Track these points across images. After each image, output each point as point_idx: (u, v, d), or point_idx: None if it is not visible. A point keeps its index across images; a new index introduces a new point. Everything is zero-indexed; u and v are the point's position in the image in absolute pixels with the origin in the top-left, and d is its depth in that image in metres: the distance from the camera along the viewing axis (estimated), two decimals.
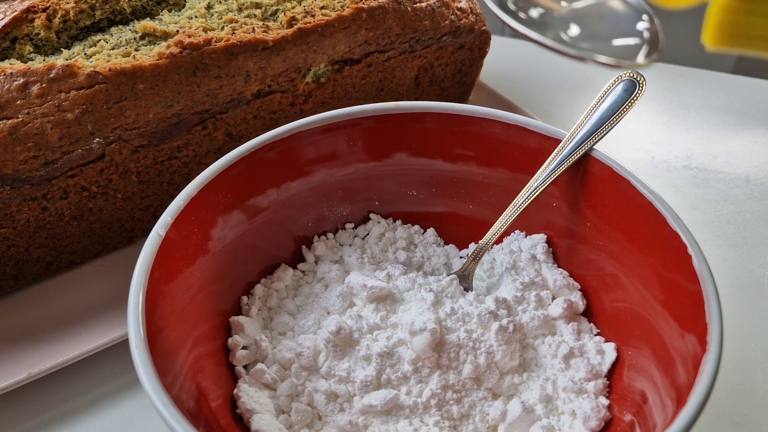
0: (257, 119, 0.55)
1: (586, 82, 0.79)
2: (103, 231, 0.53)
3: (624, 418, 0.39)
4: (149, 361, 0.33)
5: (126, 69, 0.47)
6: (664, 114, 0.76)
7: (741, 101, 0.77)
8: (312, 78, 0.56)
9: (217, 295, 0.43)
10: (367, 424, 0.39)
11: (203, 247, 0.42)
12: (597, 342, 0.43)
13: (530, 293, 0.45)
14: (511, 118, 0.47)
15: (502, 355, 0.41)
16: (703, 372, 0.33)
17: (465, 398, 0.40)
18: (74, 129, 0.46)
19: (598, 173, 0.44)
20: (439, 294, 0.44)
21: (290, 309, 0.46)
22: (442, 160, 0.50)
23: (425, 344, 0.40)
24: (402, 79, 0.62)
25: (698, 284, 0.36)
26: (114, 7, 0.51)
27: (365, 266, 0.48)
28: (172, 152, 0.52)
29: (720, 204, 0.63)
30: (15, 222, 0.48)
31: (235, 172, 0.44)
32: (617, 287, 0.44)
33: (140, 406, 0.46)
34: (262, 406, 0.40)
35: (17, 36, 0.48)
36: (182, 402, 0.33)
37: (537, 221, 0.49)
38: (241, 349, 0.43)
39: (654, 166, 0.68)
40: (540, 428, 0.39)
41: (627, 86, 0.45)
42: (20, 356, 0.46)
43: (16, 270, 0.51)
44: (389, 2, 0.56)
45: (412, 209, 0.52)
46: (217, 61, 0.49)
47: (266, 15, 0.53)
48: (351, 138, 0.48)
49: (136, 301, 0.35)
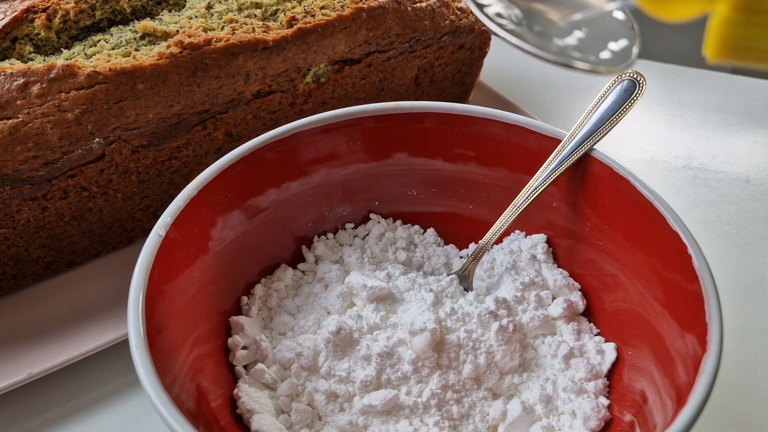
0: (257, 119, 0.55)
1: (586, 82, 0.79)
2: (103, 231, 0.53)
3: (624, 418, 0.39)
4: (149, 361, 0.33)
5: (126, 69, 0.47)
6: (664, 114, 0.76)
7: (741, 101, 0.77)
8: (312, 78, 0.56)
9: (217, 295, 0.43)
10: (367, 424, 0.39)
11: (203, 247, 0.42)
12: (597, 342, 0.43)
13: (530, 293, 0.45)
14: (511, 118, 0.47)
15: (502, 355, 0.41)
16: (703, 372, 0.33)
17: (465, 398, 0.40)
18: (74, 129, 0.46)
19: (598, 173, 0.44)
20: (439, 294, 0.44)
21: (290, 309, 0.46)
22: (442, 160, 0.50)
23: (425, 344, 0.40)
24: (402, 79, 0.62)
25: (698, 284, 0.36)
26: (114, 7, 0.51)
27: (365, 266, 0.48)
28: (172, 152, 0.52)
29: (720, 204, 0.63)
30: (15, 222, 0.48)
31: (235, 172, 0.44)
32: (617, 287, 0.44)
33: (140, 406, 0.46)
34: (262, 406, 0.40)
35: (17, 36, 0.48)
36: (182, 402, 0.33)
37: (537, 221, 0.49)
38: (241, 349, 0.43)
39: (654, 166, 0.68)
40: (540, 428, 0.39)
41: (627, 86, 0.45)
42: (20, 356, 0.46)
43: (16, 270, 0.51)
44: (389, 2, 0.56)
45: (412, 209, 0.52)
46: (217, 61, 0.49)
47: (266, 15, 0.53)
48: (351, 138, 0.48)
49: (136, 301, 0.35)
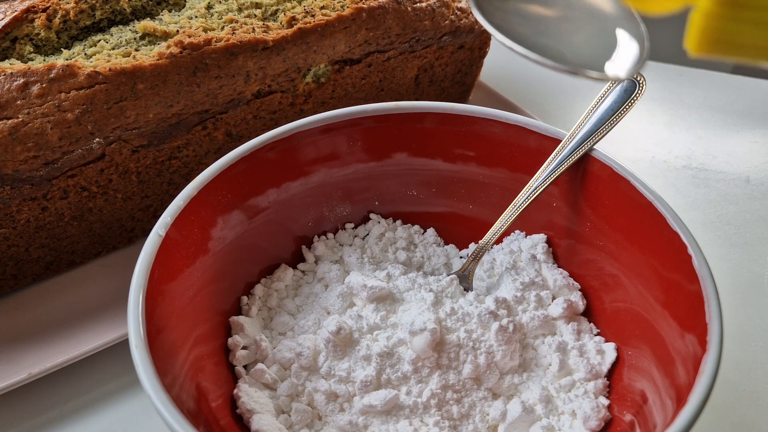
0: (257, 119, 0.55)
1: (586, 82, 0.79)
2: (103, 231, 0.53)
3: (624, 418, 0.39)
4: (149, 361, 0.33)
5: (126, 69, 0.47)
6: (664, 114, 0.76)
7: (741, 101, 0.77)
8: (312, 78, 0.55)
9: (217, 295, 0.43)
10: (367, 424, 0.39)
11: (203, 247, 0.42)
12: (597, 342, 0.43)
13: (530, 293, 0.45)
14: (511, 118, 0.47)
15: (502, 355, 0.41)
16: (703, 372, 0.33)
17: (465, 398, 0.40)
18: (74, 129, 0.46)
19: (598, 173, 0.44)
20: (439, 294, 0.44)
21: (290, 309, 0.46)
22: (442, 160, 0.50)
23: (425, 344, 0.40)
24: (402, 79, 0.62)
25: (698, 284, 0.36)
26: (114, 7, 0.51)
27: (365, 266, 0.48)
28: (172, 152, 0.52)
29: (720, 204, 0.63)
30: (15, 222, 0.48)
31: (235, 172, 0.44)
32: (617, 287, 0.44)
33: (140, 406, 0.46)
34: (262, 406, 0.40)
35: (17, 36, 0.48)
36: (182, 402, 0.33)
37: (537, 221, 0.49)
38: (241, 349, 0.43)
39: (654, 166, 0.68)
40: (540, 428, 0.39)
41: (627, 86, 0.45)
42: (20, 356, 0.46)
43: (16, 270, 0.51)
44: (389, 2, 0.56)
45: (412, 209, 0.52)
46: (217, 61, 0.49)
47: (266, 15, 0.53)
48: (351, 138, 0.48)
49: (136, 301, 0.35)
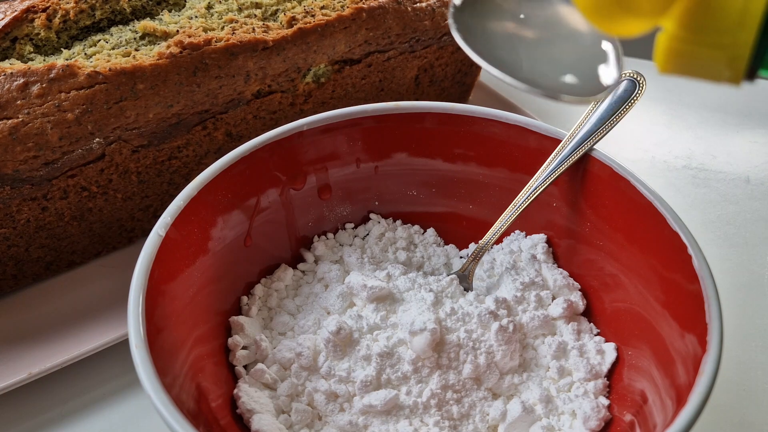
0: (257, 119, 0.55)
1: None
2: (103, 231, 0.53)
3: (624, 418, 0.39)
4: (149, 361, 0.33)
5: (126, 69, 0.47)
6: (664, 114, 0.76)
7: (741, 101, 0.77)
8: (312, 78, 0.55)
9: (217, 295, 0.43)
10: (367, 424, 0.39)
11: (203, 247, 0.42)
12: (597, 342, 0.43)
13: (530, 293, 0.45)
14: (511, 118, 0.47)
15: (502, 355, 0.41)
16: (703, 372, 0.33)
17: (465, 398, 0.40)
18: (74, 129, 0.46)
19: (598, 173, 0.44)
20: (439, 294, 0.44)
21: (290, 309, 0.46)
22: (442, 160, 0.50)
23: (425, 344, 0.40)
24: (402, 79, 0.62)
25: (698, 284, 0.36)
26: (114, 7, 0.51)
27: (365, 266, 0.48)
28: (172, 152, 0.52)
29: (720, 204, 0.63)
30: (15, 222, 0.48)
31: (235, 172, 0.44)
32: (617, 287, 0.44)
33: (140, 406, 0.46)
34: (262, 406, 0.40)
35: (17, 36, 0.48)
36: (182, 402, 0.33)
37: (537, 221, 0.49)
38: (241, 349, 0.43)
39: (654, 166, 0.68)
40: (540, 428, 0.39)
41: (627, 86, 0.45)
42: (20, 356, 0.46)
43: (16, 270, 0.51)
44: (389, 2, 0.56)
45: (412, 209, 0.52)
46: (217, 61, 0.49)
47: (266, 15, 0.53)
48: (351, 138, 0.48)
49: (136, 301, 0.35)
